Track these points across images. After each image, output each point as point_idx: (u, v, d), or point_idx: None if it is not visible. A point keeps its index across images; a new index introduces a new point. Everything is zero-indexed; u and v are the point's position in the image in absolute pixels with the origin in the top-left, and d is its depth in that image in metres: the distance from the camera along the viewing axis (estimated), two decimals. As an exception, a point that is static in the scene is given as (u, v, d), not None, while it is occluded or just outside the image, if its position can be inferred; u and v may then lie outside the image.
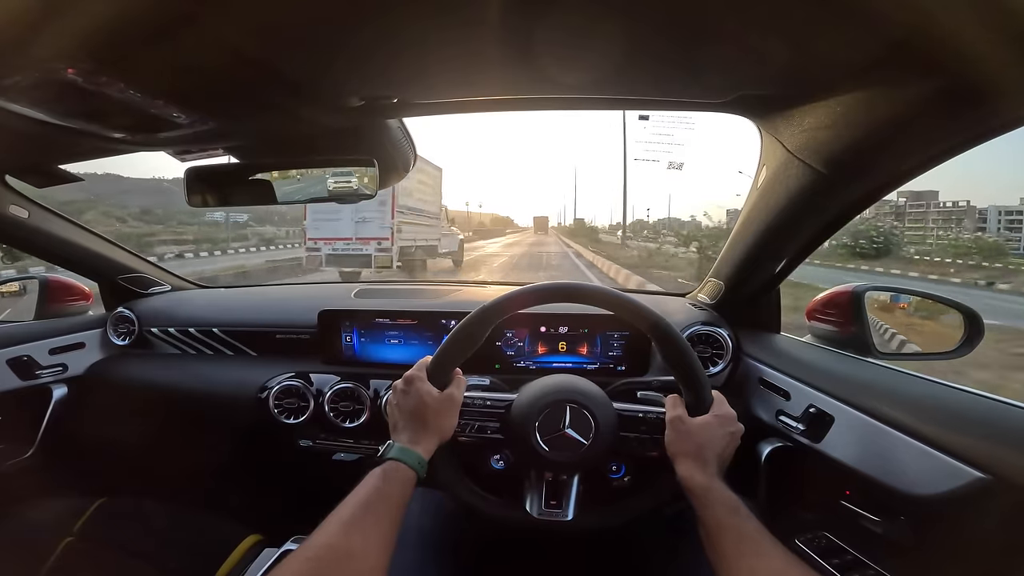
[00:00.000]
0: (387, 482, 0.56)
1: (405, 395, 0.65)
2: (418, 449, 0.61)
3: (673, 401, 0.70)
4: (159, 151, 0.84)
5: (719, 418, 0.67)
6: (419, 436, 0.63)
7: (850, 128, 0.59)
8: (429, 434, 0.63)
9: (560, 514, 0.70)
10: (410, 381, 0.66)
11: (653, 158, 25.07)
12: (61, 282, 1.38)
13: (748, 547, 0.53)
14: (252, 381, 1.14)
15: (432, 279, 1.59)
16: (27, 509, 1.08)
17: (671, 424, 0.67)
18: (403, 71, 0.60)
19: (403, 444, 0.61)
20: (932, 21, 0.40)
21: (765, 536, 0.54)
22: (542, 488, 0.72)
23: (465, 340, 0.68)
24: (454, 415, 0.67)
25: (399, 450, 0.60)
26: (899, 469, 0.60)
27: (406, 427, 0.64)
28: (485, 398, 0.74)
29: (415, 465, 0.59)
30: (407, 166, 0.94)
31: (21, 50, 0.45)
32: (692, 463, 0.63)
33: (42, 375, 1.20)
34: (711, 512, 0.57)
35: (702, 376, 0.68)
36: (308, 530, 1.07)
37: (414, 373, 0.67)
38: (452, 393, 0.67)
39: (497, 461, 0.81)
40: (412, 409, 0.64)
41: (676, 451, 0.65)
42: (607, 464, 0.81)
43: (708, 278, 1.15)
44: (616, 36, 0.49)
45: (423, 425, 0.64)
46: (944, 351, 0.88)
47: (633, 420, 0.73)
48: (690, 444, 0.65)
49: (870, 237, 24.02)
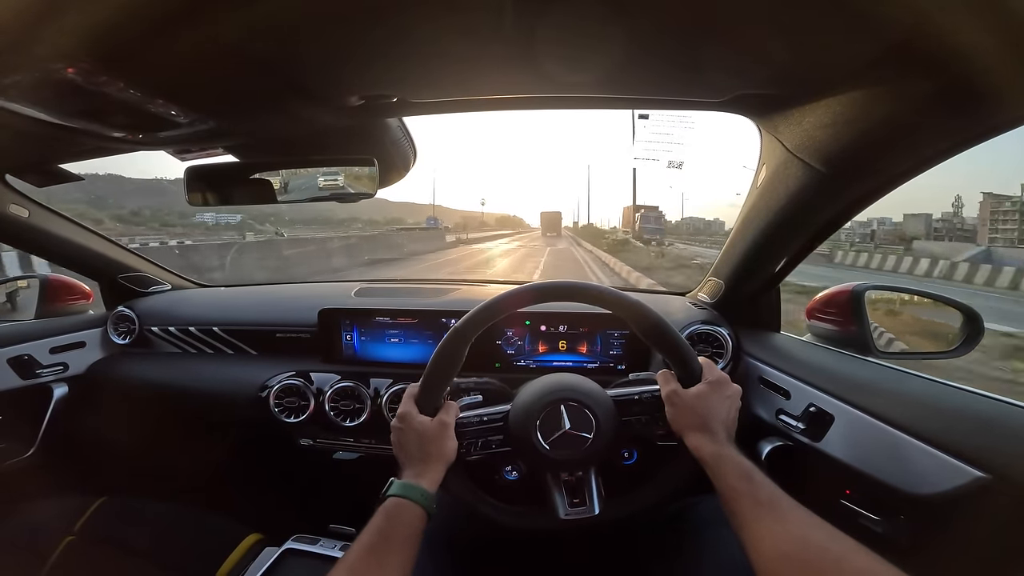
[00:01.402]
0: (390, 521, 0.56)
1: (402, 433, 0.66)
2: (422, 482, 0.61)
3: (664, 377, 0.70)
4: (159, 150, 0.84)
5: (712, 384, 0.66)
6: (421, 468, 0.63)
7: (850, 127, 0.59)
8: (431, 464, 0.64)
9: (586, 511, 0.69)
10: (403, 418, 0.66)
11: (653, 157, 25.02)
12: (61, 281, 1.39)
13: (766, 511, 0.52)
14: (252, 380, 1.15)
15: (432, 278, 1.59)
16: (28, 508, 1.09)
17: (668, 400, 0.67)
18: (403, 70, 0.60)
19: (406, 480, 0.61)
20: (932, 21, 0.40)
21: (783, 499, 0.53)
22: (562, 489, 0.71)
23: (448, 360, 0.68)
24: (451, 437, 0.67)
25: (400, 486, 0.60)
26: (899, 468, 0.61)
27: (408, 462, 0.64)
28: (481, 415, 0.73)
29: (419, 499, 0.59)
30: (407, 165, 0.94)
31: (21, 50, 0.45)
32: (699, 434, 0.62)
33: (43, 374, 1.21)
34: (725, 480, 0.56)
35: (685, 345, 0.68)
36: (308, 529, 1.08)
37: (404, 409, 0.67)
38: (441, 419, 0.67)
39: (510, 472, 0.80)
40: (410, 444, 0.65)
41: (681, 426, 0.65)
42: (618, 452, 0.80)
43: (708, 277, 1.15)
44: (616, 35, 0.49)
45: (424, 456, 0.64)
46: (944, 350, 0.89)
47: (629, 403, 0.73)
48: (692, 416, 0.64)
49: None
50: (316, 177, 0.83)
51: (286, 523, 1.06)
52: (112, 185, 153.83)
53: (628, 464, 0.81)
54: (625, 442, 0.79)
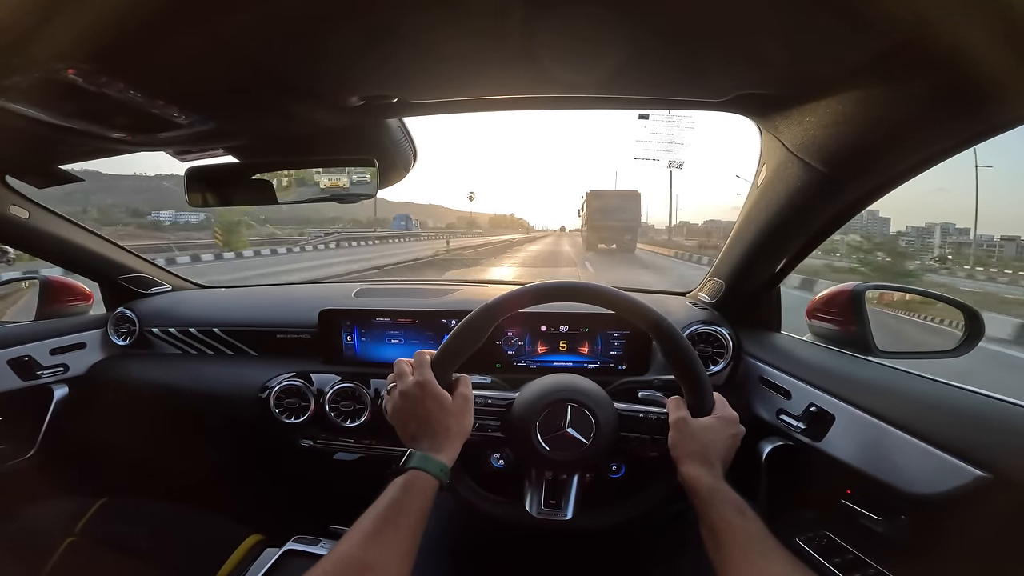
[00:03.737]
0: (407, 493, 0.56)
1: (418, 402, 0.63)
2: (441, 457, 0.60)
3: (676, 403, 0.70)
4: (159, 151, 0.84)
5: (722, 420, 0.67)
6: (441, 443, 0.61)
7: (850, 127, 0.59)
8: (452, 438, 0.62)
9: (559, 513, 0.70)
10: (422, 387, 0.63)
11: (653, 157, 24.91)
12: (62, 282, 1.38)
13: (755, 548, 0.53)
14: (253, 381, 1.14)
15: (433, 279, 1.59)
16: (29, 509, 1.09)
17: (675, 425, 0.67)
18: (403, 70, 0.60)
19: (424, 452, 0.60)
20: (932, 21, 0.40)
21: (769, 538, 0.54)
22: (542, 487, 0.72)
23: (468, 337, 0.68)
24: (471, 413, 0.66)
25: (421, 458, 0.59)
26: (900, 468, 0.60)
27: (424, 433, 0.62)
28: (487, 396, 0.74)
29: (438, 473, 0.58)
30: (407, 166, 0.95)
31: (21, 50, 0.45)
32: (698, 464, 0.63)
33: (43, 375, 1.20)
34: (718, 513, 0.57)
35: (704, 378, 0.68)
36: (309, 530, 1.08)
37: (424, 377, 0.64)
38: (464, 393, 0.66)
39: (497, 460, 0.81)
40: (428, 414, 0.63)
41: (681, 453, 0.65)
42: (607, 464, 0.81)
43: (708, 277, 1.15)
44: (617, 35, 0.49)
45: (444, 430, 0.62)
46: (944, 350, 0.88)
47: (634, 420, 0.73)
48: (695, 445, 0.65)
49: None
50: (316, 177, 0.83)
51: (286, 524, 1.06)
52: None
53: (615, 477, 0.81)
54: (617, 455, 0.79)
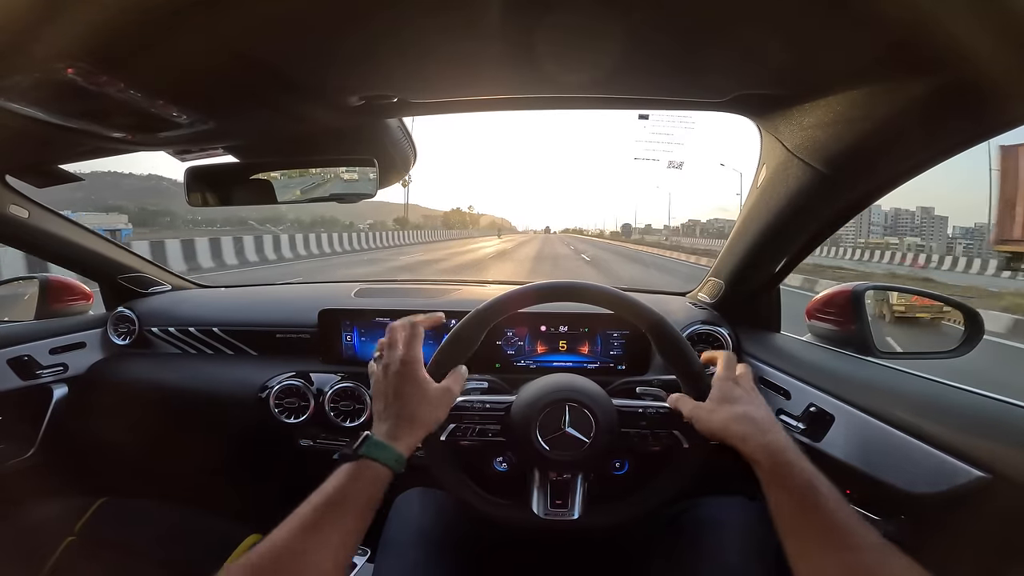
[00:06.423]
0: (355, 481, 0.53)
1: (399, 379, 0.60)
2: (398, 445, 0.56)
3: (682, 400, 0.67)
4: (159, 151, 0.84)
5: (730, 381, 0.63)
6: (401, 430, 0.58)
7: (850, 127, 0.59)
8: (415, 428, 0.59)
9: (566, 513, 0.70)
10: (407, 363, 0.61)
11: (653, 157, 24.98)
12: (61, 282, 1.38)
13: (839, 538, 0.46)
14: (252, 381, 1.14)
15: (432, 279, 1.59)
16: (28, 509, 1.09)
17: (693, 415, 0.63)
18: (403, 70, 0.60)
19: (380, 437, 0.57)
20: (932, 21, 0.40)
21: (855, 517, 0.48)
22: (547, 488, 0.72)
23: (462, 342, 0.68)
24: (447, 407, 0.63)
25: (374, 445, 0.55)
26: (899, 468, 0.61)
27: (388, 415, 0.59)
28: (484, 401, 0.73)
29: (391, 463, 0.55)
30: (407, 165, 0.95)
31: (21, 50, 0.45)
32: (746, 425, 0.57)
33: (43, 375, 1.20)
34: (791, 486, 0.51)
35: (700, 368, 0.68)
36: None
37: (411, 355, 0.61)
38: (449, 387, 0.63)
39: (500, 463, 0.80)
40: (401, 396, 0.60)
41: (716, 424, 0.60)
42: (610, 461, 0.81)
43: (708, 277, 1.15)
44: (616, 36, 0.49)
45: (409, 417, 0.59)
46: (944, 350, 0.88)
47: (633, 416, 0.73)
48: (729, 410, 0.59)
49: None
50: (316, 177, 0.83)
51: None
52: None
53: (618, 474, 0.81)
54: (619, 452, 0.79)
